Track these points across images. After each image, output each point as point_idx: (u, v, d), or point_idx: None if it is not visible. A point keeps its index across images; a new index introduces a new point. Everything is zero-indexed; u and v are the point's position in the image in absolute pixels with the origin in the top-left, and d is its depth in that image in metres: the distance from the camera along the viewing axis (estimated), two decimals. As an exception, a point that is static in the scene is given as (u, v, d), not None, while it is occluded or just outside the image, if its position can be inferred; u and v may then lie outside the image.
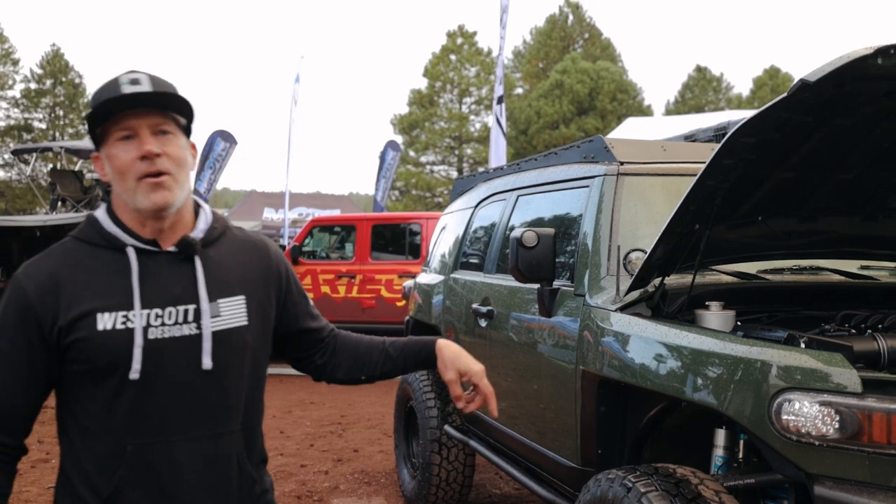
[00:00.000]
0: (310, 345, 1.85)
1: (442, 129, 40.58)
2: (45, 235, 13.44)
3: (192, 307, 1.57)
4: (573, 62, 39.68)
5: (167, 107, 1.56)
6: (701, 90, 45.14)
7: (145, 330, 1.53)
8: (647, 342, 2.61)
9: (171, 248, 1.60)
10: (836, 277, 3.06)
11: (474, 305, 4.02)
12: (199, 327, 1.57)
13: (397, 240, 10.46)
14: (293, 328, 1.80)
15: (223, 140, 20.99)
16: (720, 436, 2.56)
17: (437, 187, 40.02)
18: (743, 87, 54.19)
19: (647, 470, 2.41)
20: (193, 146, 1.64)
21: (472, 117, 41.23)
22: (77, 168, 16.82)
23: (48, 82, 37.62)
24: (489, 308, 3.86)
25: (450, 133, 40.51)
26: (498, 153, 11.84)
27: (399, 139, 38.57)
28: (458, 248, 4.67)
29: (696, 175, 3.14)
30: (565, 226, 3.45)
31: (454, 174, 41.22)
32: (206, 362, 1.57)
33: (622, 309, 2.82)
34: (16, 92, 37.27)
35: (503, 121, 11.86)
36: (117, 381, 1.52)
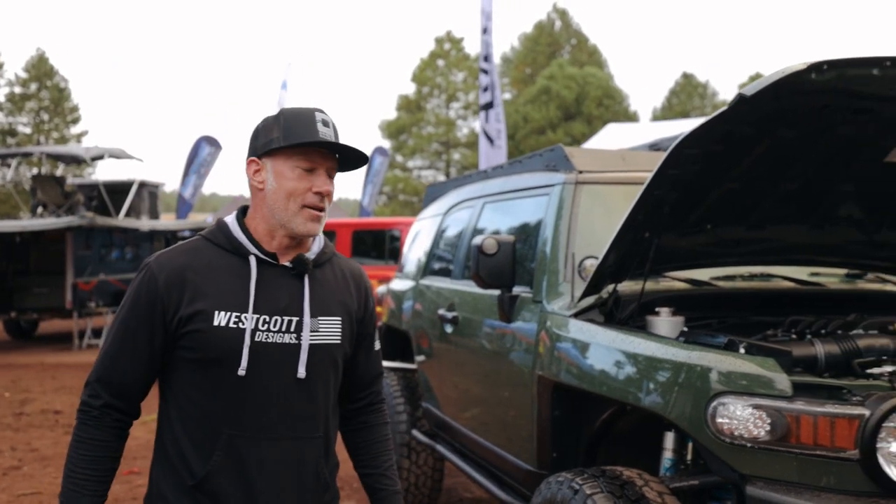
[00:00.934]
0: (351, 379, 1.93)
1: (430, 134, 40.69)
2: (24, 241, 13.42)
3: (295, 319, 1.73)
4: (560, 68, 39.90)
5: (343, 158, 1.77)
6: (687, 96, 45.46)
7: (253, 332, 1.69)
8: (597, 347, 2.68)
9: (287, 264, 1.76)
10: (786, 284, 3.14)
11: (440, 311, 4.08)
12: (298, 338, 1.73)
13: (378, 245, 10.52)
14: (352, 358, 1.92)
15: (208, 145, 20.98)
16: (668, 439, 2.62)
17: (425, 192, 40.06)
18: (728, 93, 54.63)
19: (594, 472, 2.47)
20: None
21: (459, 122, 41.35)
22: (59, 173, 16.79)
23: (33, 86, 37.43)
24: (454, 314, 3.92)
25: (437, 138, 40.62)
26: (489, 160, 11.90)
27: (386, 144, 38.65)
28: (428, 254, 4.73)
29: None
30: (526, 233, 3.51)
31: (442, 179, 41.31)
32: (301, 371, 1.72)
33: (576, 315, 2.89)
34: (0, 96, 37.08)
35: (492, 127, 11.90)
36: (222, 374, 1.68)
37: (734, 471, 2.14)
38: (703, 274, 3.07)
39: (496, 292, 3.35)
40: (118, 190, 15.43)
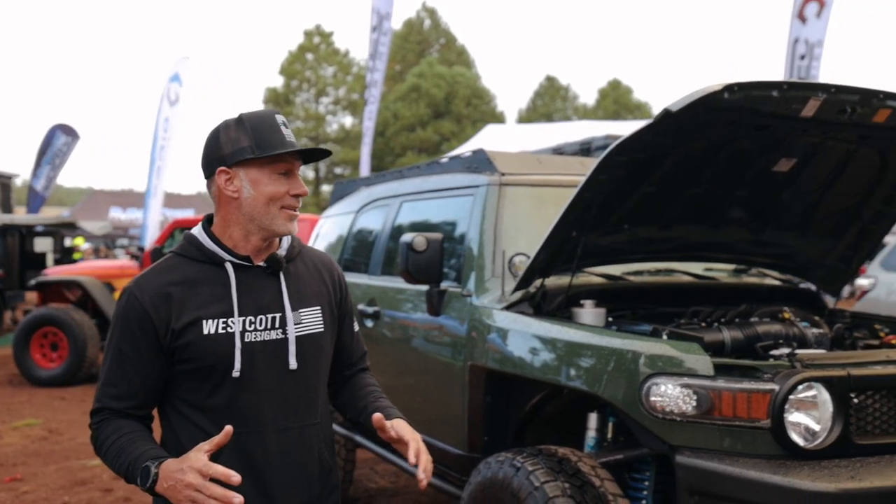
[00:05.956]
0: (340, 361, 2.02)
1: (298, 128, 40.09)
2: None
3: (278, 315, 1.82)
4: (430, 66, 40.39)
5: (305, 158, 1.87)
6: (550, 98, 47.26)
7: (242, 334, 1.77)
8: (534, 337, 2.90)
9: (261, 264, 1.84)
10: (686, 278, 3.50)
11: (360, 306, 4.19)
12: (284, 332, 1.82)
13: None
14: (338, 342, 2.00)
15: (64, 134, 19.77)
16: (592, 419, 2.90)
17: (294, 187, 39.40)
18: (588, 97, 57.25)
19: (532, 451, 2.70)
20: None
21: (329, 118, 41.03)
22: None
23: None
24: (375, 308, 4.05)
25: (307, 133, 40.10)
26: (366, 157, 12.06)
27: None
28: (340, 250, 4.82)
29: (570, 186, 3.50)
30: (449, 231, 3.70)
31: (311, 174, 40.81)
32: (293, 363, 1.82)
33: (508, 308, 3.11)
34: None
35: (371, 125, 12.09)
36: (218, 378, 1.76)
37: (664, 442, 2.42)
38: (616, 269, 3.38)
39: (423, 287, 3.51)
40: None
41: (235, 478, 1.58)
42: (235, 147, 1.78)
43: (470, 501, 2.83)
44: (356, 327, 2.08)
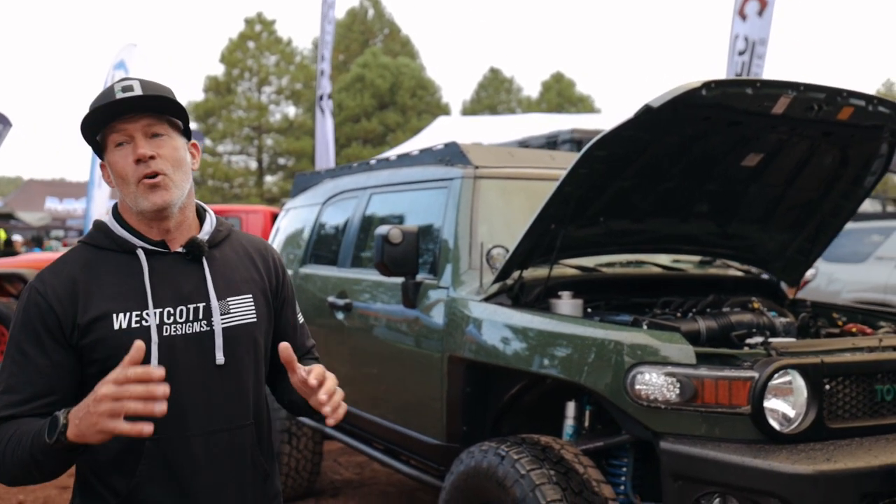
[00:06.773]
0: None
1: (240, 118, 39.35)
2: None
3: (202, 305, 1.63)
4: (374, 56, 40.13)
5: (159, 110, 1.60)
6: (494, 90, 47.46)
7: (159, 328, 1.57)
8: (518, 329, 2.94)
9: (179, 249, 1.65)
10: (655, 269, 3.60)
11: (330, 298, 4.17)
12: (209, 324, 1.62)
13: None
14: (275, 335, 1.80)
15: (-5, 121, 19.04)
16: (570, 408, 2.96)
17: (236, 178, 38.81)
18: (532, 89, 57.66)
19: (515, 440, 2.75)
20: (195, 146, 1.70)
21: (272, 107, 40.38)
22: None
23: None
24: (346, 301, 4.04)
25: (249, 122, 39.41)
26: (323, 148, 11.94)
27: (194, 126, 36.82)
28: (307, 243, 4.79)
29: (542, 179, 3.55)
30: (421, 223, 3.71)
31: (254, 165, 40.19)
32: (219, 357, 1.62)
33: (487, 299, 3.14)
34: None
35: (327, 116, 11.98)
36: None
37: (648, 429, 2.49)
38: (589, 261, 3.44)
39: (398, 280, 3.52)
40: None
41: (158, 371, 1.34)
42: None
43: (453, 490, 2.86)
44: (300, 318, 1.88)
